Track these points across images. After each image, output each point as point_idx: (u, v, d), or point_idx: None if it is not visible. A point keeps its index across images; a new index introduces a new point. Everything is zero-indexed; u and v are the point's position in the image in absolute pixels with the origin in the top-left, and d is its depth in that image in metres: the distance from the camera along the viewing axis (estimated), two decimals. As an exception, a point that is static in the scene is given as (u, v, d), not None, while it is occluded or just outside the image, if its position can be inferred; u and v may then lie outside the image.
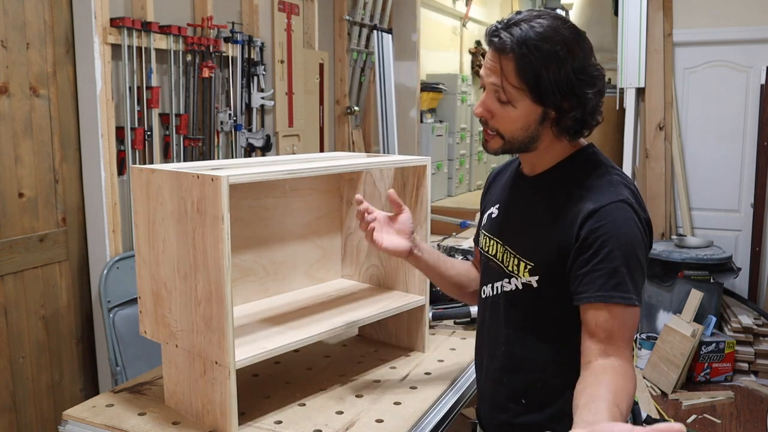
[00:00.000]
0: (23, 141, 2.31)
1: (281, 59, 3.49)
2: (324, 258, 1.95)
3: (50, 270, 2.43)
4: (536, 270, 1.24)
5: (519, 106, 1.19)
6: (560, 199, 1.23)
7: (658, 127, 4.31)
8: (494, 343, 1.36)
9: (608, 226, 1.15)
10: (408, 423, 1.44)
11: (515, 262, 1.28)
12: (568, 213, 1.20)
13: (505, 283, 1.31)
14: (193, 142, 2.90)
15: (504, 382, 1.34)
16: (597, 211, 1.16)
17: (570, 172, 1.26)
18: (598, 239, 1.15)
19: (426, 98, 5.60)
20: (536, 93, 1.17)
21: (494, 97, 1.21)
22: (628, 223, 1.16)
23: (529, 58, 1.14)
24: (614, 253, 1.14)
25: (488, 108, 1.22)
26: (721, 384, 3.79)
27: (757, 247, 4.23)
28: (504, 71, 1.17)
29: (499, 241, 1.34)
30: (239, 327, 1.53)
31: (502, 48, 1.16)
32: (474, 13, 7.30)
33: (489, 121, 1.24)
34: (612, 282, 1.13)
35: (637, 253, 1.16)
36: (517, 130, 1.22)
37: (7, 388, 2.28)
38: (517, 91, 1.17)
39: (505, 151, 1.27)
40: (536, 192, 1.30)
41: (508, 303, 1.32)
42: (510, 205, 1.37)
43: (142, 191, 1.43)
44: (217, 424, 1.37)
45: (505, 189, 1.41)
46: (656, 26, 4.26)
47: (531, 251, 1.26)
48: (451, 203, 5.62)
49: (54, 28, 2.40)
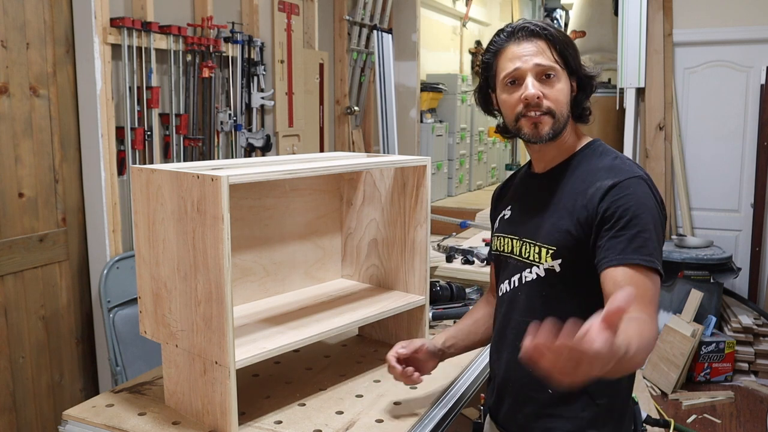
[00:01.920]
0: (23, 141, 2.31)
1: (281, 59, 3.49)
2: (324, 258, 1.95)
3: (50, 270, 2.43)
4: (559, 253, 1.26)
5: (562, 79, 1.30)
6: (576, 182, 1.30)
7: (658, 127, 4.31)
8: (517, 336, 1.33)
9: (628, 197, 1.20)
10: (408, 423, 1.44)
11: (536, 250, 1.31)
12: (586, 191, 1.26)
13: (525, 273, 1.33)
14: (193, 142, 2.90)
15: (529, 373, 1.29)
16: (616, 185, 1.22)
17: (582, 160, 1.33)
18: (618, 208, 1.19)
19: (426, 98, 5.60)
20: (568, 65, 1.30)
21: (539, 78, 1.28)
22: (647, 196, 1.22)
23: (559, 37, 1.30)
24: (634, 221, 1.18)
25: (538, 88, 1.28)
26: (721, 384, 3.79)
27: (757, 247, 4.23)
28: (549, 48, 1.29)
29: (515, 237, 1.37)
30: (239, 327, 1.53)
31: (542, 31, 1.29)
32: (474, 13, 7.30)
33: (541, 102, 1.28)
34: (633, 245, 1.17)
35: (656, 223, 1.20)
36: (564, 105, 1.30)
37: (7, 388, 2.28)
38: (558, 65, 1.29)
39: (555, 131, 1.30)
40: (550, 183, 1.35)
41: (531, 293, 1.32)
42: (522, 202, 1.41)
43: (142, 191, 1.43)
44: (217, 424, 1.37)
45: (515, 192, 1.47)
46: (656, 26, 4.26)
47: (551, 235, 1.28)
48: (451, 203, 5.62)
49: (54, 28, 2.40)
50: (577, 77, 1.33)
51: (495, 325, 1.47)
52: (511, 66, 1.30)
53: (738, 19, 4.16)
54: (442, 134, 5.77)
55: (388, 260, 1.88)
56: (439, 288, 2.14)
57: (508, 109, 1.33)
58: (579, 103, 1.35)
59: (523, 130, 1.32)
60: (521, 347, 1.25)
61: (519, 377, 1.35)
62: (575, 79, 1.33)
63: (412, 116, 5.17)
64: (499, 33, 1.35)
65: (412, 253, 1.81)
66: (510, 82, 1.31)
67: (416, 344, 1.47)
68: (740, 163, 4.27)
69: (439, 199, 5.72)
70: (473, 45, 7.48)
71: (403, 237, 1.82)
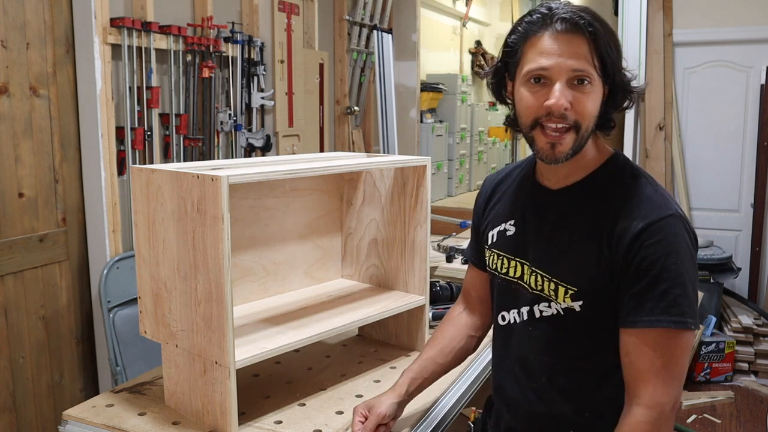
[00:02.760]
0: (23, 141, 2.31)
1: (281, 59, 3.49)
2: (324, 258, 1.95)
3: (50, 270, 2.43)
4: (580, 295, 1.15)
5: (596, 87, 1.12)
6: (600, 214, 1.14)
7: (658, 127, 4.31)
8: (531, 373, 1.25)
9: (659, 245, 1.07)
10: (408, 423, 1.44)
11: (551, 287, 1.18)
12: (612, 231, 1.11)
13: (542, 308, 1.20)
14: (193, 142, 2.90)
15: (547, 412, 1.24)
16: (647, 229, 1.08)
17: (605, 182, 1.17)
18: (646, 260, 1.07)
19: (426, 98, 5.59)
20: (608, 70, 1.12)
21: (570, 84, 1.10)
22: (679, 240, 1.09)
23: (604, 36, 1.10)
24: (664, 275, 1.06)
25: (567, 98, 1.10)
26: (721, 384, 3.79)
27: (757, 247, 4.22)
28: (591, 51, 1.09)
29: (524, 262, 1.24)
30: (239, 327, 1.53)
31: (581, 28, 1.08)
32: (474, 13, 7.30)
33: (569, 113, 1.10)
34: (662, 305, 1.06)
35: (691, 273, 1.09)
36: (592, 117, 1.12)
37: (7, 388, 2.28)
38: (596, 71, 1.10)
39: (574, 150, 1.13)
40: (568, 207, 1.19)
41: (548, 329, 1.21)
42: (531, 221, 1.24)
43: (142, 191, 1.43)
44: (217, 424, 1.37)
45: (518, 203, 1.29)
46: (656, 26, 4.26)
47: (572, 275, 1.15)
48: (451, 203, 5.62)
49: (54, 28, 2.40)
50: (612, 82, 1.14)
51: (496, 354, 1.36)
52: (540, 62, 1.10)
53: (738, 19, 4.16)
54: (442, 134, 5.77)
55: (388, 260, 1.88)
56: (439, 288, 2.14)
57: (525, 109, 1.15)
58: (607, 112, 1.17)
59: (536, 144, 1.15)
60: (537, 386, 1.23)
61: (537, 421, 1.26)
62: (608, 85, 1.14)
63: (412, 116, 5.17)
64: (531, 13, 1.13)
65: (412, 253, 1.81)
66: (534, 79, 1.12)
67: (376, 414, 1.32)
68: (740, 163, 4.27)
69: (439, 199, 5.71)
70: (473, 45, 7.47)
71: (403, 237, 1.82)
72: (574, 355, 1.20)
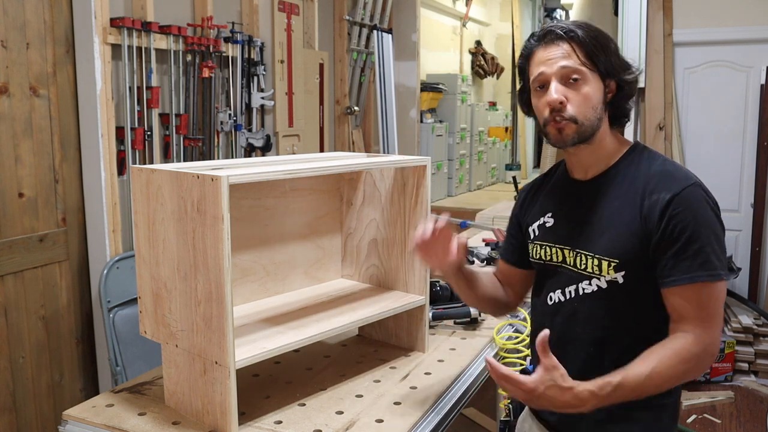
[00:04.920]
0: (23, 141, 2.31)
1: (281, 59, 3.49)
2: (324, 258, 1.95)
3: (50, 270, 2.43)
4: (622, 266, 1.27)
5: (589, 82, 1.29)
6: (630, 193, 1.29)
7: (658, 127, 4.31)
8: (578, 348, 1.34)
9: (687, 211, 1.22)
10: (408, 423, 1.44)
11: (594, 263, 1.30)
12: (643, 204, 1.26)
13: (584, 285, 1.32)
14: (193, 142, 2.90)
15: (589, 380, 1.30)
16: (674, 199, 1.23)
17: (629, 165, 1.33)
18: (678, 225, 1.22)
19: (426, 98, 5.60)
20: (601, 65, 1.29)
21: (565, 81, 1.28)
22: (702, 205, 1.24)
23: (591, 36, 1.28)
24: (695, 236, 1.21)
25: (562, 93, 1.28)
26: (721, 384, 3.79)
27: (757, 247, 4.22)
28: (575, 51, 1.28)
29: (565, 247, 1.36)
30: (239, 327, 1.53)
31: (567, 33, 1.29)
32: (474, 13, 7.30)
33: (564, 108, 1.28)
34: (697, 262, 1.21)
35: (716, 231, 1.24)
36: (590, 110, 1.29)
37: (7, 388, 2.28)
38: (585, 67, 1.28)
39: (580, 136, 1.30)
40: (598, 191, 1.34)
41: (593, 305, 1.32)
42: (567, 211, 1.39)
43: (142, 191, 1.43)
44: (217, 424, 1.37)
45: (553, 198, 1.44)
46: (656, 26, 4.26)
47: (612, 249, 1.28)
48: (451, 203, 5.62)
49: (54, 28, 2.40)
50: (617, 79, 1.32)
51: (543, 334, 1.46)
52: (537, 70, 1.31)
53: (738, 19, 4.16)
54: (442, 134, 5.77)
55: (388, 260, 1.88)
56: (439, 288, 2.13)
57: (537, 111, 1.34)
58: (617, 105, 1.34)
59: (549, 135, 1.33)
60: (582, 359, 1.34)
61: None
62: (614, 81, 1.32)
63: (412, 116, 5.17)
64: (530, 37, 1.37)
65: (412, 253, 1.81)
66: (539, 87, 1.32)
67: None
68: (740, 163, 4.27)
69: (439, 199, 5.72)
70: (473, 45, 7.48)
71: (403, 237, 1.82)
72: (619, 324, 1.32)
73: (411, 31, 5.06)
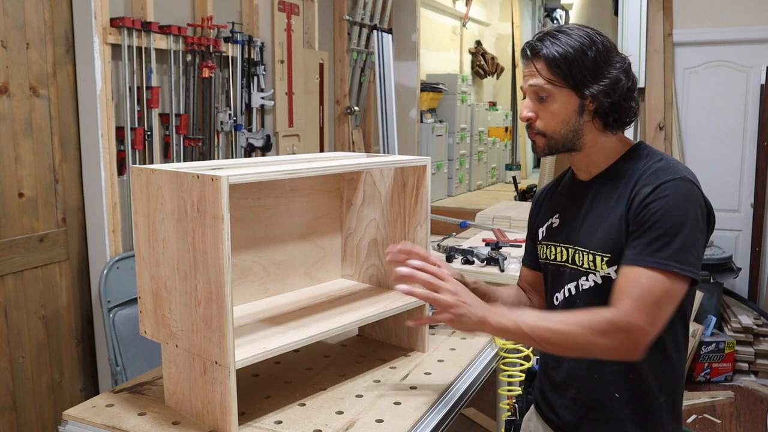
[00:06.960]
0: (23, 141, 2.31)
1: (281, 59, 3.49)
2: (324, 258, 1.95)
3: (50, 270, 2.43)
4: (613, 260, 1.28)
5: (557, 99, 1.30)
6: (622, 189, 1.30)
7: (658, 127, 4.31)
8: None
9: (662, 200, 1.21)
10: (408, 423, 1.44)
11: (590, 258, 1.32)
12: (629, 198, 1.27)
13: (582, 281, 1.34)
14: (193, 142, 2.90)
15: (594, 379, 1.34)
16: (654, 190, 1.23)
17: (627, 164, 1.34)
18: (648, 212, 1.22)
19: (426, 98, 5.60)
20: (569, 80, 1.28)
21: (535, 98, 1.33)
22: (681, 197, 1.22)
23: (556, 49, 1.27)
24: (660, 223, 1.20)
25: (531, 109, 1.34)
26: (721, 384, 3.79)
27: (757, 247, 4.23)
28: (538, 69, 1.30)
29: (568, 245, 1.38)
30: (239, 327, 1.53)
31: (533, 52, 1.31)
32: (474, 13, 7.30)
33: (534, 123, 1.34)
34: (651, 248, 1.19)
35: (689, 225, 1.20)
36: (558, 124, 1.31)
37: (7, 388, 2.28)
38: (552, 84, 1.29)
39: (551, 149, 1.35)
40: (597, 190, 1.36)
41: (590, 301, 1.32)
42: (571, 210, 1.42)
43: (142, 191, 1.43)
44: (217, 424, 1.37)
45: (561, 199, 1.47)
46: (656, 26, 4.26)
47: (604, 243, 1.30)
48: (451, 203, 5.62)
49: (54, 28, 2.40)
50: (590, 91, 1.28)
51: None
52: (521, 84, 1.38)
53: (738, 19, 4.16)
54: (442, 134, 5.77)
55: (388, 260, 1.88)
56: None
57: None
58: (609, 110, 1.30)
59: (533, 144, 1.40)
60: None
61: (583, 383, 1.36)
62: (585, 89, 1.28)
63: (412, 116, 5.17)
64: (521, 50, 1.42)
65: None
66: (524, 98, 1.38)
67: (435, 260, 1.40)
68: (740, 163, 4.27)
69: (439, 199, 5.72)
70: (473, 45, 7.48)
71: (403, 237, 1.82)
72: None
73: (411, 31, 5.06)
